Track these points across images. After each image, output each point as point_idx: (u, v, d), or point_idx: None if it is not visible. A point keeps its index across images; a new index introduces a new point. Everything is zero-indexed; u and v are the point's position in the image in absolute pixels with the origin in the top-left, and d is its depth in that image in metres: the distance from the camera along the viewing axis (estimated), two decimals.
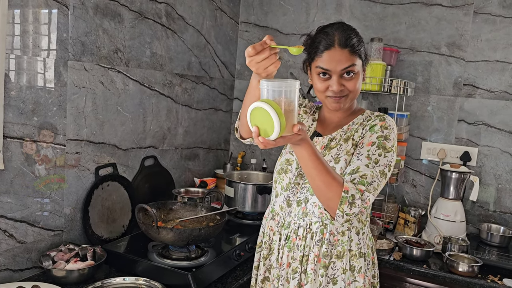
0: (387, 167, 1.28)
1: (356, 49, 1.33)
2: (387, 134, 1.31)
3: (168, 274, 1.56)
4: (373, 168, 1.26)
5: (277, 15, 2.79)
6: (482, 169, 2.38)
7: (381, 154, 1.28)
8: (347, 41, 1.32)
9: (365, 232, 1.42)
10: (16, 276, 1.55)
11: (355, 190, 1.20)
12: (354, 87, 1.34)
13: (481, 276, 1.90)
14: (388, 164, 1.29)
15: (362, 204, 1.21)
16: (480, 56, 2.36)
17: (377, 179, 1.25)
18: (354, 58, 1.32)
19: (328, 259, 1.37)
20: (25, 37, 1.50)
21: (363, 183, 1.22)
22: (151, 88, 2.12)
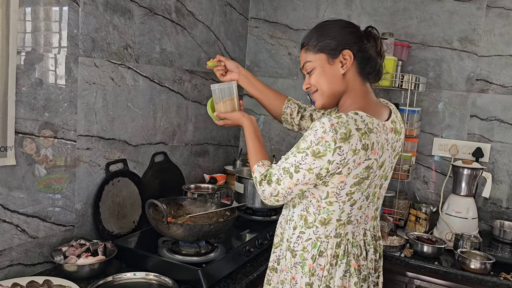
0: (293, 166, 1.25)
1: (310, 46, 1.34)
2: (306, 135, 1.24)
3: (178, 269, 1.56)
4: (282, 162, 1.30)
5: (287, 10, 2.78)
6: (495, 165, 2.35)
7: (293, 152, 1.27)
8: (304, 40, 1.38)
9: (304, 233, 1.35)
10: (28, 270, 1.56)
11: (259, 175, 1.35)
12: (315, 81, 1.35)
13: (493, 273, 1.88)
14: (295, 164, 1.24)
15: (260, 190, 1.33)
16: (493, 50, 2.32)
17: (277, 172, 1.29)
18: (308, 55, 1.35)
19: (278, 239, 1.49)
20: (36, 33, 1.50)
21: (268, 172, 1.33)
22: (161, 84, 2.13)
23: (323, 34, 1.33)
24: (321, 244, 1.33)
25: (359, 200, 1.31)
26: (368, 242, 1.41)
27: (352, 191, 1.28)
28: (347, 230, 1.34)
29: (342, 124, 1.19)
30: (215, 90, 1.56)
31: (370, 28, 1.36)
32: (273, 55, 2.84)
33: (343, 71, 1.30)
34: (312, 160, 1.22)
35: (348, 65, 1.30)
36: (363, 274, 1.37)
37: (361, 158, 1.22)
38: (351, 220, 1.34)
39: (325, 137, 1.19)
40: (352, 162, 1.21)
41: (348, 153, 1.19)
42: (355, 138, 1.19)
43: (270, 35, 2.84)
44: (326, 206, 1.30)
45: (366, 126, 1.23)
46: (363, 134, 1.21)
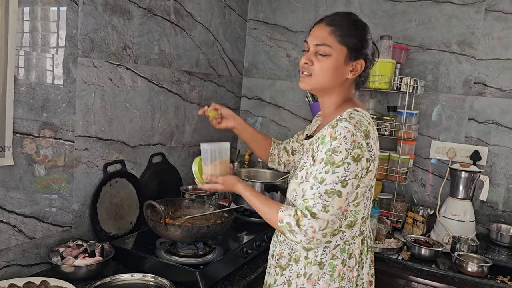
0: (338, 183, 1.18)
1: (338, 31, 1.27)
2: (336, 146, 1.19)
3: (176, 271, 1.56)
4: (318, 189, 1.19)
5: (286, 12, 2.78)
6: (492, 168, 2.36)
7: (328, 171, 1.18)
8: (334, 22, 1.29)
9: (331, 242, 1.30)
10: (25, 271, 1.56)
11: (290, 218, 1.20)
12: (319, 69, 1.28)
13: (490, 276, 1.88)
14: (341, 179, 1.18)
15: (303, 230, 1.17)
16: (491, 54, 2.33)
17: (321, 200, 1.18)
18: (330, 38, 1.27)
19: (285, 260, 1.39)
20: (35, 34, 1.50)
21: (302, 208, 1.19)
22: (160, 85, 2.13)
23: (356, 30, 1.29)
24: (349, 246, 1.32)
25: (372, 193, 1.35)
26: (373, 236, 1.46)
27: (372, 184, 1.31)
28: (366, 225, 1.37)
29: (360, 123, 1.22)
30: (206, 150, 1.39)
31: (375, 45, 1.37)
32: (272, 57, 2.84)
33: (350, 77, 1.31)
34: (355, 166, 1.19)
35: (355, 75, 1.32)
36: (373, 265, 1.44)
37: (378, 150, 1.28)
38: (369, 214, 1.36)
39: (356, 139, 1.19)
40: (376, 156, 1.26)
41: (373, 148, 1.24)
42: (372, 132, 1.25)
43: (268, 36, 2.84)
44: (353, 208, 1.28)
45: (370, 119, 1.30)
46: (373, 127, 1.28)
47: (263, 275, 1.77)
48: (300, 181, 1.32)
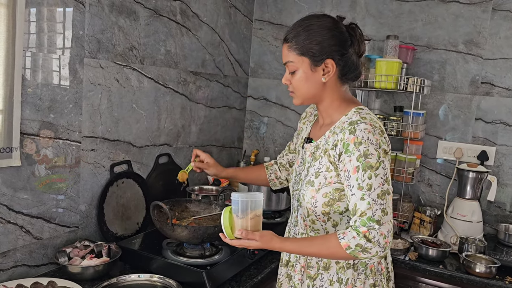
0: (384, 183, 1.19)
1: (293, 45, 1.28)
2: (365, 150, 1.18)
3: (183, 271, 1.56)
4: (369, 196, 1.17)
5: (292, 12, 2.77)
6: (500, 168, 2.34)
7: (370, 176, 1.18)
8: (287, 35, 1.31)
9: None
10: (32, 271, 1.56)
11: (357, 240, 1.16)
12: (295, 85, 1.31)
13: (499, 277, 1.87)
14: (384, 179, 1.19)
15: (375, 242, 1.15)
16: (498, 53, 2.32)
17: (377, 205, 1.17)
18: (290, 54, 1.29)
19: (314, 270, 1.36)
20: (42, 35, 1.51)
21: (363, 223, 1.17)
22: (166, 86, 2.13)
23: (308, 36, 1.27)
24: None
25: None
26: None
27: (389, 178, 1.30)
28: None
29: (373, 121, 1.24)
30: (239, 201, 1.23)
31: (354, 26, 1.30)
32: (278, 57, 2.83)
33: (325, 80, 1.29)
34: (387, 161, 1.22)
35: (330, 75, 1.28)
36: None
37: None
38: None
39: (377, 138, 1.20)
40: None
41: (389, 142, 1.26)
42: (383, 128, 1.27)
43: (274, 37, 2.84)
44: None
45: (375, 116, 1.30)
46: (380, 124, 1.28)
47: (270, 276, 1.77)
48: (318, 187, 1.29)
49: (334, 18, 1.31)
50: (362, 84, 2.34)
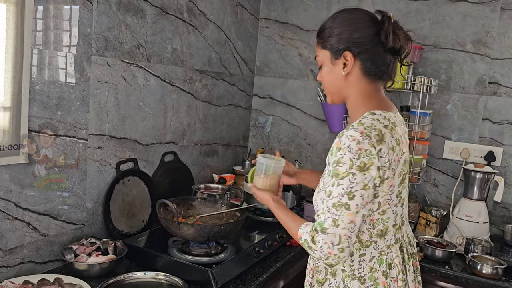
0: (344, 195, 1.11)
1: (319, 38, 1.28)
2: (340, 157, 1.12)
3: (189, 269, 1.56)
4: (326, 202, 1.14)
5: (298, 11, 2.77)
6: (507, 169, 2.33)
7: (334, 183, 1.13)
8: (319, 31, 1.31)
9: (365, 254, 1.23)
10: (39, 268, 1.57)
11: (307, 235, 1.18)
12: (322, 79, 1.31)
13: (505, 278, 1.86)
14: (346, 192, 1.11)
15: (318, 247, 1.14)
16: (507, 53, 2.30)
17: (330, 214, 1.13)
18: (317, 48, 1.31)
19: (322, 274, 1.32)
20: (50, 32, 1.51)
21: (316, 224, 1.16)
22: (172, 84, 2.13)
23: (331, 28, 1.24)
24: (387, 256, 1.24)
25: (406, 198, 1.30)
26: (413, 241, 1.39)
27: (400, 190, 1.23)
28: (403, 231, 1.29)
29: (371, 128, 1.14)
30: (261, 163, 1.45)
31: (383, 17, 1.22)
32: (284, 55, 2.83)
33: (344, 74, 1.24)
34: (362, 177, 1.11)
35: (349, 68, 1.23)
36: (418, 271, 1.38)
37: (398, 154, 1.18)
38: (404, 220, 1.29)
39: (362, 147, 1.11)
40: (394, 162, 1.16)
41: (388, 153, 1.14)
42: (388, 136, 1.16)
43: (280, 35, 2.83)
44: (379, 217, 1.21)
45: (389, 121, 1.20)
46: (391, 130, 1.18)
47: (275, 275, 1.77)
48: (317, 190, 1.26)
49: (362, 11, 1.26)
50: None
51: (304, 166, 2.79)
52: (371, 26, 1.22)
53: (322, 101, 2.58)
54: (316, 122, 2.77)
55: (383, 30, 1.20)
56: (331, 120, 2.54)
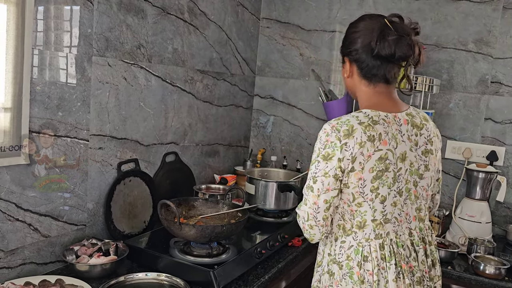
0: (311, 179, 1.30)
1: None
2: (314, 146, 1.31)
3: (190, 270, 1.56)
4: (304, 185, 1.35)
5: (299, 11, 2.76)
6: (510, 169, 2.32)
7: (309, 169, 1.32)
8: None
9: (345, 242, 1.32)
10: (40, 269, 1.56)
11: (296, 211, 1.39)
12: None
13: (508, 278, 1.85)
14: (312, 176, 1.29)
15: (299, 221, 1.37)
16: (509, 53, 2.29)
17: (304, 194, 1.33)
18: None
19: (320, 257, 1.45)
20: (50, 33, 1.50)
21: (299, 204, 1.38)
22: (173, 84, 2.12)
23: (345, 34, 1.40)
24: (363, 248, 1.30)
25: (390, 196, 1.29)
26: (417, 243, 1.36)
27: (375, 186, 1.27)
28: (387, 229, 1.31)
29: (342, 123, 1.26)
30: None
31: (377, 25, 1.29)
32: (285, 55, 2.82)
33: (345, 75, 1.40)
34: (325, 165, 1.26)
35: (347, 71, 1.38)
36: (416, 276, 1.33)
37: (370, 150, 1.24)
38: (388, 218, 1.31)
39: (329, 139, 1.25)
40: (361, 156, 1.24)
41: (354, 147, 1.23)
42: (359, 132, 1.24)
43: (281, 35, 2.83)
44: (357, 208, 1.30)
45: (370, 119, 1.27)
46: (366, 127, 1.25)
47: (277, 275, 1.76)
48: None
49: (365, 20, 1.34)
50: None
51: (306, 167, 2.79)
52: (365, 35, 1.31)
53: (323, 101, 2.57)
54: (318, 122, 2.77)
55: (373, 40, 1.28)
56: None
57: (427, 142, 1.36)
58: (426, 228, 1.42)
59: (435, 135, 1.41)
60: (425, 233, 1.40)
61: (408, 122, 1.33)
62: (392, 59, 1.28)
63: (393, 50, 1.26)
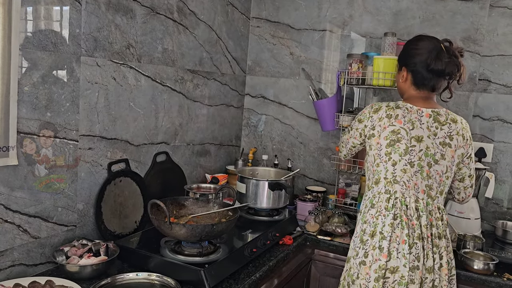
0: (349, 129, 1.87)
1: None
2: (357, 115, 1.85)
3: (181, 270, 1.56)
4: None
5: (289, 10, 2.77)
6: (498, 165, 2.34)
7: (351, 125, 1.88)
8: None
9: (367, 195, 1.75)
10: (30, 271, 1.56)
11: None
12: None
13: (497, 274, 1.87)
14: (350, 128, 1.86)
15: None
16: (496, 50, 2.32)
17: (342, 135, 1.96)
18: None
19: None
20: (38, 33, 1.50)
21: None
22: (163, 84, 2.12)
23: (403, 48, 1.77)
24: (374, 198, 1.69)
25: (400, 163, 1.64)
26: (421, 209, 1.63)
27: (388, 151, 1.66)
28: (395, 188, 1.65)
29: (377, 104, 1.76)
30: None
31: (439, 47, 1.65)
32: (275, 54, 2.83)
33: (401, 81, 1.76)
34: (358, 124, 1.80)
35: (404, 78, 1.75)
36: (417, 233, 1.60)
37: (386, 123, 1.68)
38: (397, 180, 1.65)
39: (365, 111, 1.78)
40: (379, 126, 1.70)
41: (375, 120, 1.72)
42: (383, 110, 1.72)
43: (271, 34, 2.83)
44: (376, 168, 1.70)
45: (395, 104, 1.71)
46: (389, 108, 1.71)
47: (268, 273, 1.77)
48: None
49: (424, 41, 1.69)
50: (360, 82, 2.33)
51: (297, 165, 2.80)
52: (423, 54, 1.66)
53: (313, 100, 2.58)
54: (308, 120, 2.78)
55: (430, 57, 1.64)
56: (323, 118, 2.54)
57: (446, 136, 1.66)
58: (435, 207, 1.66)
59: (459, 135, 1.68)
60: (431, 209, 1.65)
61: (430, 116, 1.67)
62: (442, 74, 1.65)
63: (444, 68, 1.63)
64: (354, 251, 1.70)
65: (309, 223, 2.26)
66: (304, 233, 2.20)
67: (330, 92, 2.71)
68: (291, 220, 2.24)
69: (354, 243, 1.72)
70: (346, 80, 2.40)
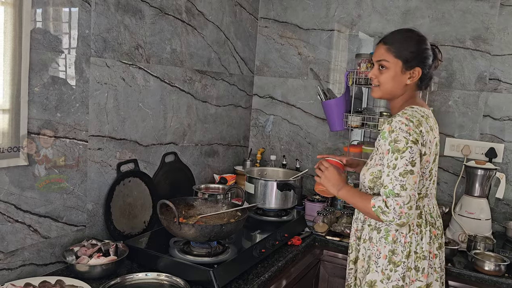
0: (409, 164, 1.44)
1: (393, 48, 1.56)
2: (395, 137, 1.46)
3: (190, 270, 1.56)
4: (392, 174, 1.45)
5: (297, 10, 2.76)
6: (509, 165, 2.32)
7: (397, 158, 1.45)
8: (387, 39, 1.58)
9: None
10: (40, 270, 1.57)
11: (380, 202, 1.46)
12: (384, 80, 1.58)
13: (508, 275, 1.85)
14: (409, 160, 1.44)
15: (391, 209, 1.43)
16: (506, 49, 2.29)
17: (397, 181, 1.44)
18: (387, 55, 1.56)
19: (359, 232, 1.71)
20: (48, 34, 1.51)
21: (385, 193, 1.46)
22: (172, 85, 2.13)
23: (409, 44, 1.56)
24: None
25: (435, 175, 1.60)
26: (436, 215, 1.63)
27: (432, 167, 1.56)
28: (424, 202, 1.58)
29: (412, 116, 1.50)
30: None
31: (435, 48, 1.63)
32: (283, 55, 2.83)
33: (409, 82, 1.58)
34: (417, 148, 1.46)
35: (414, 80, 1.58)
36: (438, 242, 1.60)
37: (431, 137, 1.53)
38: (427, 193, 1.59)
39: (410, 128, 1.46)
40: (429, 142, 1.51)
41: (425, 134, 1.50)
42: (424, 122, 1.51)
43: (279, 35, 2.83)
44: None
45: (423, 113, 1.55)
46: (426, 119, 1.54)
47: (276, 274, 1.77)
48: (368, 167, 1.61)
49: (426, 38, 1.61)
50: (369, 82, 2.32)
51: (305, 165, 2.79)
52: (431, 55, 1.60)
53: (322, 100, 2.58)
54: (317, 121, 2.77)
55: (436, 57, 1.62)
56: (331, 119, 2.53)
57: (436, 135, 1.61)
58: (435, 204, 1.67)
59: None
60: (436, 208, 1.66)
61: (432, 115, 1.62)
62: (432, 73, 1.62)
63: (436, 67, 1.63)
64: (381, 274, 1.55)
65: (318, 223, 2.25)
66: (313, 234, 2.20)
67: (338, 92, 2.70)
68: (299, 220, 2.23)
69: (377, 264, 1.57)
70: (354, 80, 2.39)
